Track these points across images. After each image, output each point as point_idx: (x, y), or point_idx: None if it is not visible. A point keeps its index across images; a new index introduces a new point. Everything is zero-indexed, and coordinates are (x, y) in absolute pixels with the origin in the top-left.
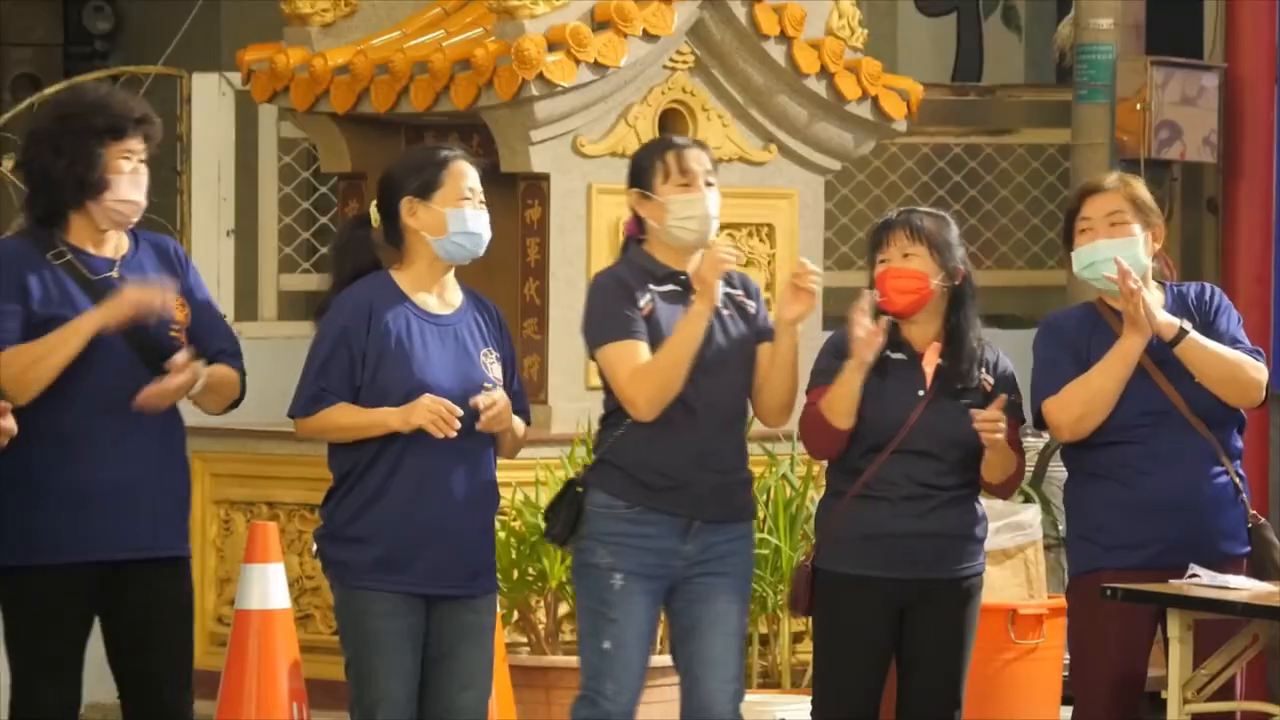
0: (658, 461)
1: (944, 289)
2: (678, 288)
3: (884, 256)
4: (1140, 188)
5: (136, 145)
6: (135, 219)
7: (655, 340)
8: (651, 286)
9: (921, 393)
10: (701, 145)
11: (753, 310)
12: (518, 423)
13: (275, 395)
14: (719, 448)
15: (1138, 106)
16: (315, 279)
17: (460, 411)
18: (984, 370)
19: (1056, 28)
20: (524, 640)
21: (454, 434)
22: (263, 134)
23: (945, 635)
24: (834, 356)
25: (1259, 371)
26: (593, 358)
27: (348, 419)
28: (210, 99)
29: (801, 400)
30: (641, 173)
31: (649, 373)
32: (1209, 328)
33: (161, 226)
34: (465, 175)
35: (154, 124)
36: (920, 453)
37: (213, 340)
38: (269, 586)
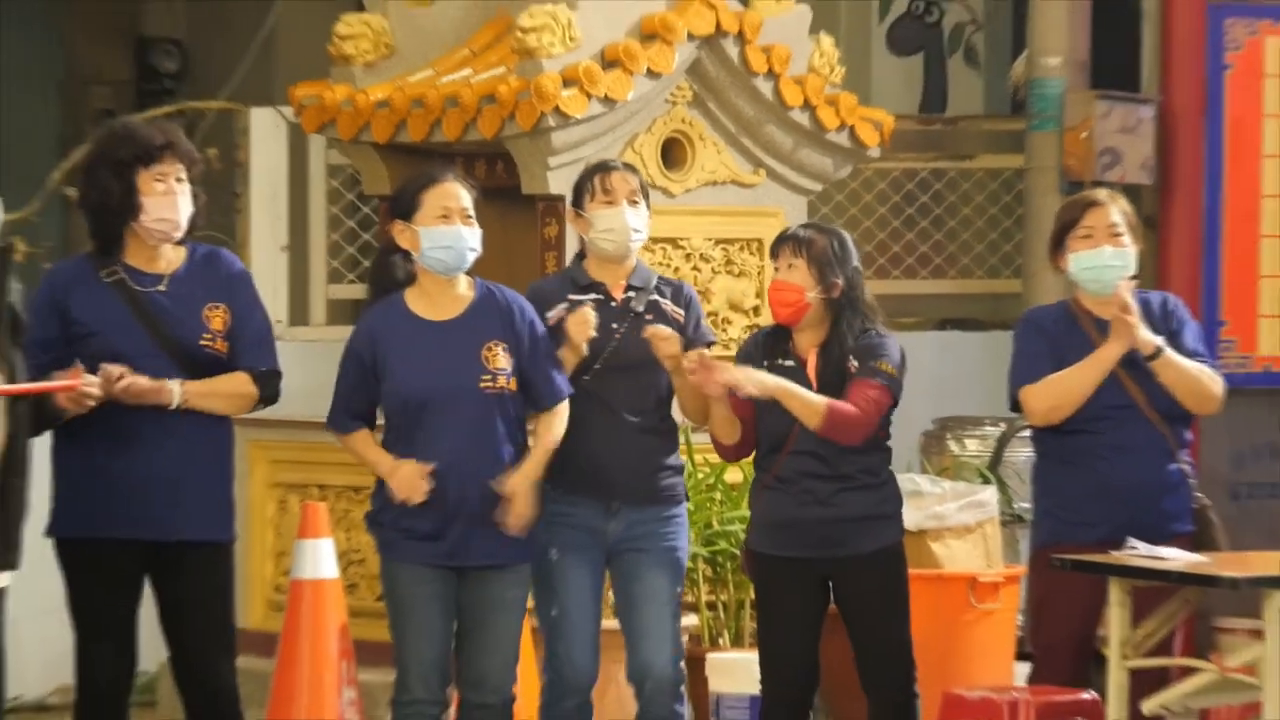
0: (578, 451)
1: (822, 300)
2: (598, 297)
3: (776, 267)
4: (1127, 204)
5: (168, 168)
6: (177, 234)
7: (558, 344)
8: (570, 296)
9: None
10: (631, 169)
11: (680, 319)
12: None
13: (324, 392)
14: (633, 440)
15: (1083, 135)
16: (359, 289)
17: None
18: (852, 359)
19: (1011, 65)
20: None
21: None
22: (313, 161)
23: (873, 604)
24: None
25: (1217, 385)
26: None
27: (359, 449)
28: (266, 130)
29: None
30: (577, 193)
31: None
32: (1173, 337)
33: (223, 242)
34: (445, 195)
35: (182, 148)
36: (811, 450)
37: (241, 351)
38: (320, 559)
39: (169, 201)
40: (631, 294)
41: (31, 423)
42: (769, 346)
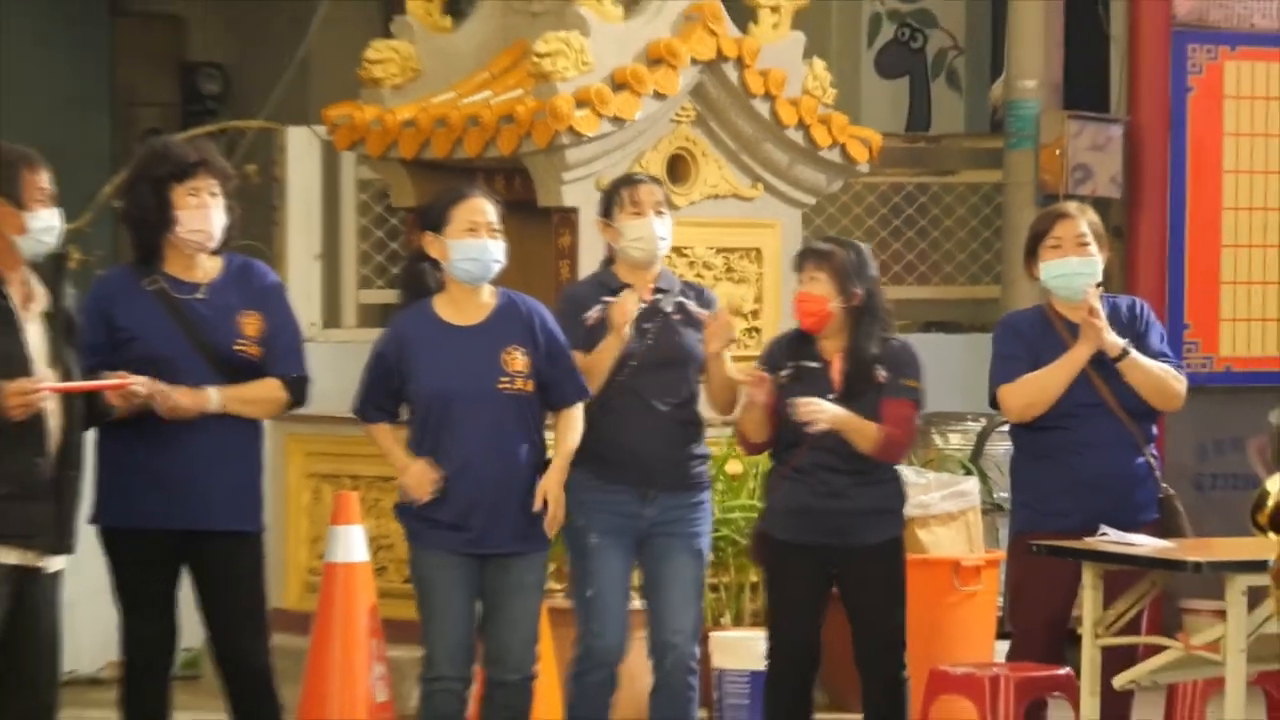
0: (616, 442)
1: (844, 309)
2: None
3: (799, 280)
4: (1094, 216)
5: (201, 184)
6: (210, 244)
7: (596, 344)
8: (605, 298)
9: (831, 395)
10: (656, 181)
11: (704, 320)
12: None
13: (355, 390)
14: (667, 430)
15: (1057, 152)
16: (387, 294)
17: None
18: (881, 367)
19: (990, 88)
20: (559, 587)
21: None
22: (344, 176)
23: (875, 590)
24: (765, 368)
25: (1180, 383)
26: None
27: (380, 440)
28: (302, 147)
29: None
30: (606, 204)
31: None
32: (1139, 339)
33: (261, 251)
34: (473, 210)
35: (215, 164)
36: (829, 448)
37: (273, 358)
38: (351, 544)
39: (202, 214)
40: (659, 296)
41: (83, 419)
42: (793, 349)
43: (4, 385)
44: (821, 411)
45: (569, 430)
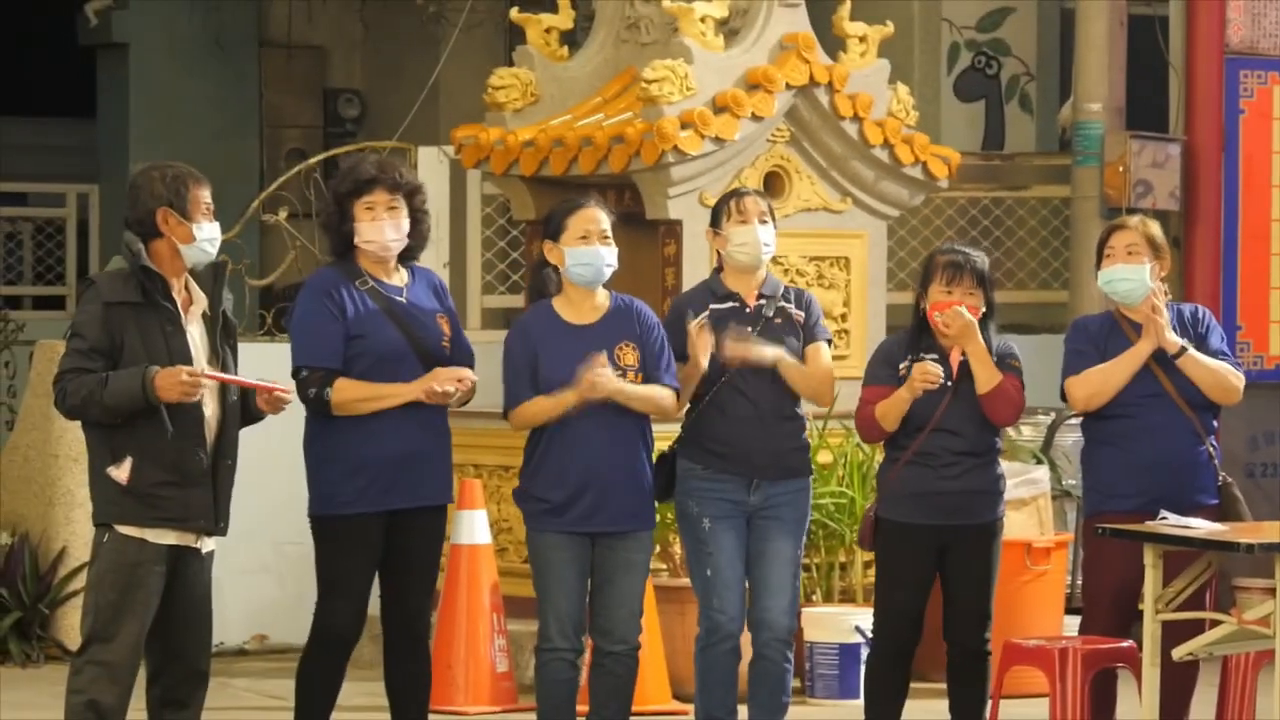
0: (722, 435)
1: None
2: (734, 304)
3: (949, 289)
4: (1155, 228)
5: (378, 199)
6: (388, 253)
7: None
8: (712, 305)
9: (950, 384)
10: (760, 194)
11: (801, 320)
12: (657, 390)
13: (481, 385)
14: (769, 424)
15: (1120, 169)
16: (509, 299)
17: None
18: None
19: (1059, 110)
20: (664, 566)
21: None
22: (470, 191)
23: (976, 568)
24: (884, 364)
25: (1238, 379)
26: None
27: (535, 408)
28: (432, 165)
29: (854, 392)
30: (716, 215)
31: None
32: (1201, 342)
33: None
34: (586, 220)
35: (389, 178)
36: (951, 430)
37: (459, 354)
38: (475, 527)
39: (374, 226)
40: (763, 301)
41: (240, 417)
42: (912, 344)
43: (170, 370)
44: (968, 325)
45: (660, 396)
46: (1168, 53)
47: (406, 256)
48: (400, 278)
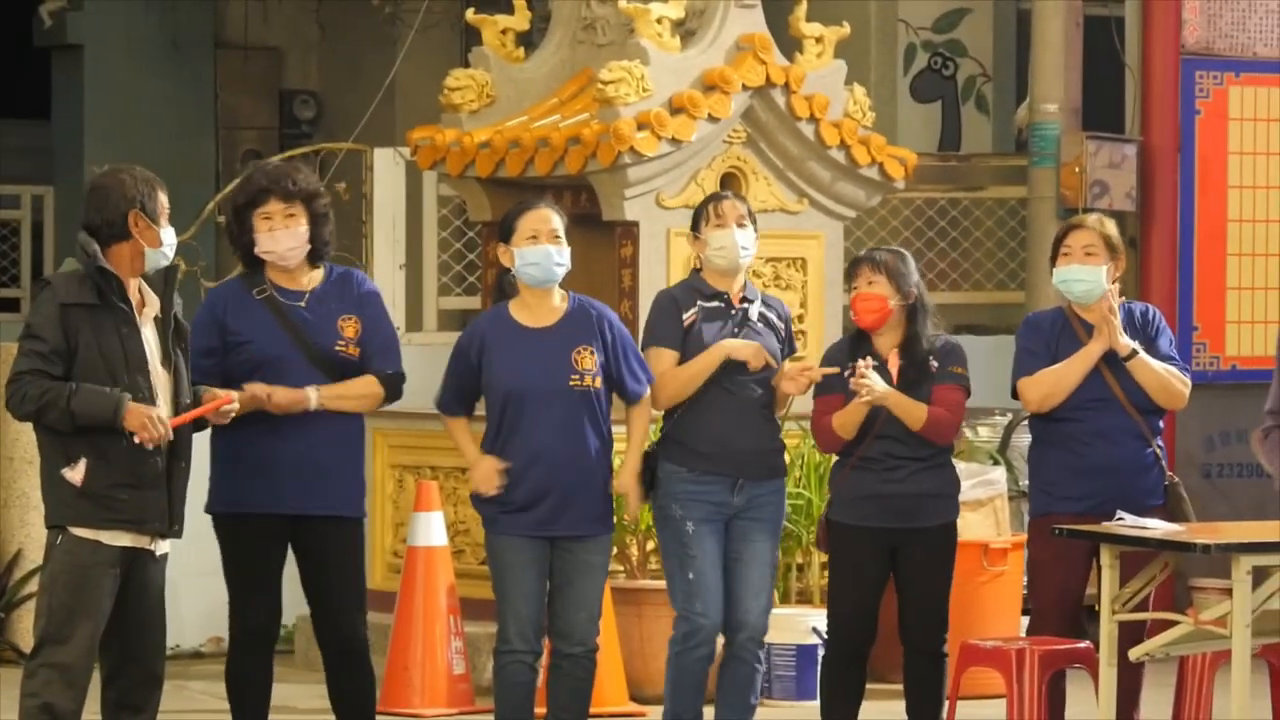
0: (708, 436)
1: (900, 307)
2: (720, 304)
3: (855, 285)
4: (1112, 228)
5: (273, 208)
6: (286, 262)
7: (692, 345)
8: (700, 302)
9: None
10: (740, 197)
11: (779, 326)
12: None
13: (436, 388)
14: (755, 425)
15: (1076, 170)
16: (465, 300)
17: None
18: (933, 359)
19: (1015, 111)
20: (621, 569)
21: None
22: (426, 192)
23: (928, 571)
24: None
25: (1184, 385)
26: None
27: (455, 434)
28: (387, 167)
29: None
30: (695, 219)
31: (671, 379)
32: (1151, 344)
33: (351, 262)
34: (535, 220)
35: (282, 188)
36: (893, 435)
37: (370, 356)
38: (432, 529)
39: (270, 236)
40: (747, 304)
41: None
42: (852, 350)
43: (145, 409)
44: (874, 385)
45: (639, 423)
46: (1124, 53)
47: (316, 257)
48: (310, 280)
